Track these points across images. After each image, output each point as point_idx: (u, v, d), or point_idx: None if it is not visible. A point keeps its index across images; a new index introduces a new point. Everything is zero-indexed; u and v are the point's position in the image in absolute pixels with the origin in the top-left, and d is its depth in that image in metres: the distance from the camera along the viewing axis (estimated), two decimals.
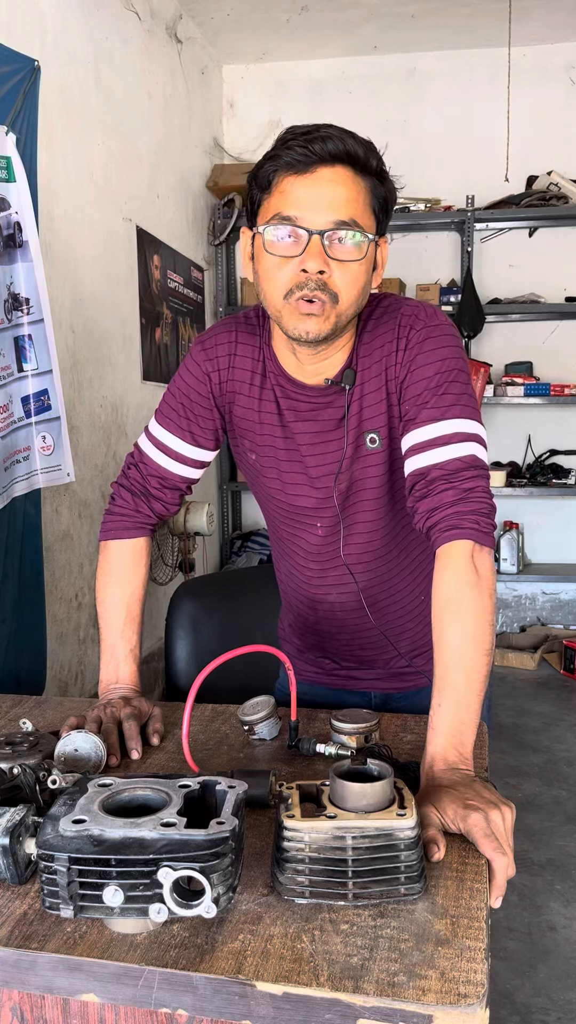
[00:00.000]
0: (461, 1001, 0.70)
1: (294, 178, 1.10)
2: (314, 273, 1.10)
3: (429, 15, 4.13)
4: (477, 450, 1.17)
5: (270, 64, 4.71)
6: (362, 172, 1.11)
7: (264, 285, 1.16)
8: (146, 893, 0.76)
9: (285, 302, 1.14)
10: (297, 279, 1.12)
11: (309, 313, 1.13)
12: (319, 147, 1.07)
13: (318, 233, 1.09)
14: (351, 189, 1.10)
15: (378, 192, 1.14)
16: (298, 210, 1.10)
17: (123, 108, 3.35)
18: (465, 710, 1.04)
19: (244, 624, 1.91)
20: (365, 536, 1.33)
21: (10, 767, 0.99)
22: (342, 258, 1.11)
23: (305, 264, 1.10)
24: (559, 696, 4.08)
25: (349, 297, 1.14)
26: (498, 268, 4.61)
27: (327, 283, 1.12)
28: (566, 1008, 1.99)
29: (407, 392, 1.21)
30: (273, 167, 1.11)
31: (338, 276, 1.12)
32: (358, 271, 1.13)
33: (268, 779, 1.02)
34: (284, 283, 1.13)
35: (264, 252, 1.13)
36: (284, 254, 1.12)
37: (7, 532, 2.30)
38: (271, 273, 1.14)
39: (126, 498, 1.39)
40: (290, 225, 1.10)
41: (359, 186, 1.11)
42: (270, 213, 1.12)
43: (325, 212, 1.09)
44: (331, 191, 1.09)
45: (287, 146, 1.09)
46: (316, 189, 1.09)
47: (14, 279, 2.23)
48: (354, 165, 1.10)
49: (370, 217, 1.14)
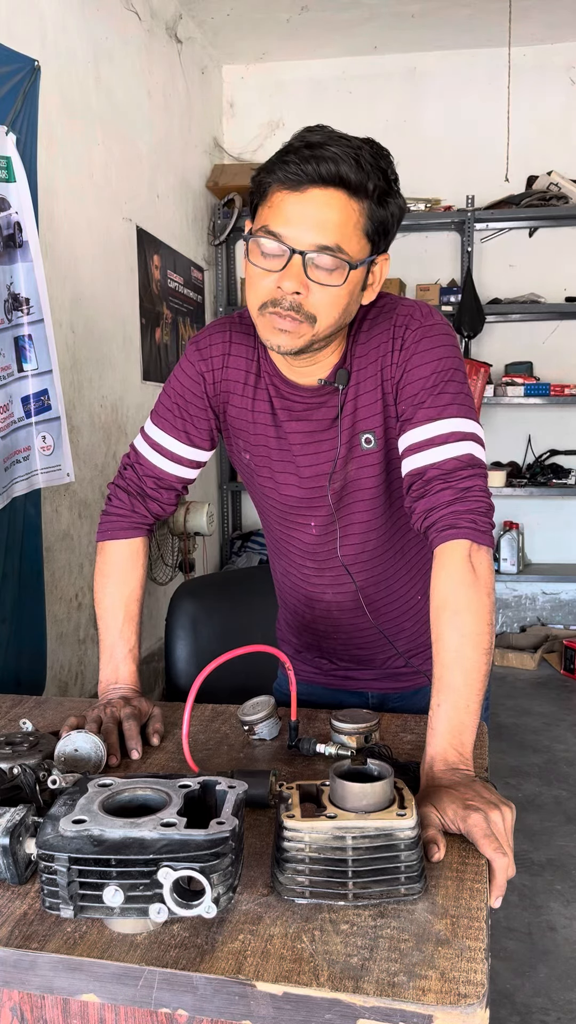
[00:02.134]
0: (461, 1001, 0.70)
1: (286, 194, 1.09)
2: (289, 293, 1.10)
3: (429, 15, 4.13)
4: (474, 449, 1.17)
5: (270, 64, 4.71)
6: (357, 196, 1.08)
7: (247, 291, 1.17)
8: (146, 893, 0.76)
9: (260, 313, 1.14)
10: (273, 294, 1.11)
11: (281, 328, 1.13)
12: (312, 168, 1.06)
13: (300, 253, 1.08)
14: (342, 213, 1.08)
15: (375, 215, 1.11)
16: (284, 227, 1.09)
17: (123, 108, 3.35)
18: (464, 710, 1.04)
19: (244, 624, 1.91)
20: (361, 536, 1.33)
21: (10, 767, 0.99)
22: (321, 282, 1.10)
23: (282, 283, 1.10)
24: (559, 696, 4.08)
25: (327, 320, 1.13)
26: (498, 268, 4.61)
27: (302, 304, 1.11)
28: (566, 1008, 1.99)
29: (403, 392, 1.21)
30: (268, 179, 1.10)
31: (316, 298, 1.11)
32: (337, 295, 1.11)
33: (268, 779, 1.02)
34: (261, 295, 1.13)
35: (248, 260, 1.14)
36: (265, 267, 1.11)
37: (7, 532, 2.30)
38: (252, 281, 1.14)
39: (122, 499, 1.39)
40: (274, 240, 1.09)
41: (351, 210, 1.09)
42: (260, 223, 1.12)
43: (310, 233, 1.08)
44: (320, 213, 1.08)
45: (285, 159, 1.08)
46: (305, 209, 1.08)
47: (14, 279, 2.23)
48: (348, 189, 1.08)
49: (360, 241, 1.11)
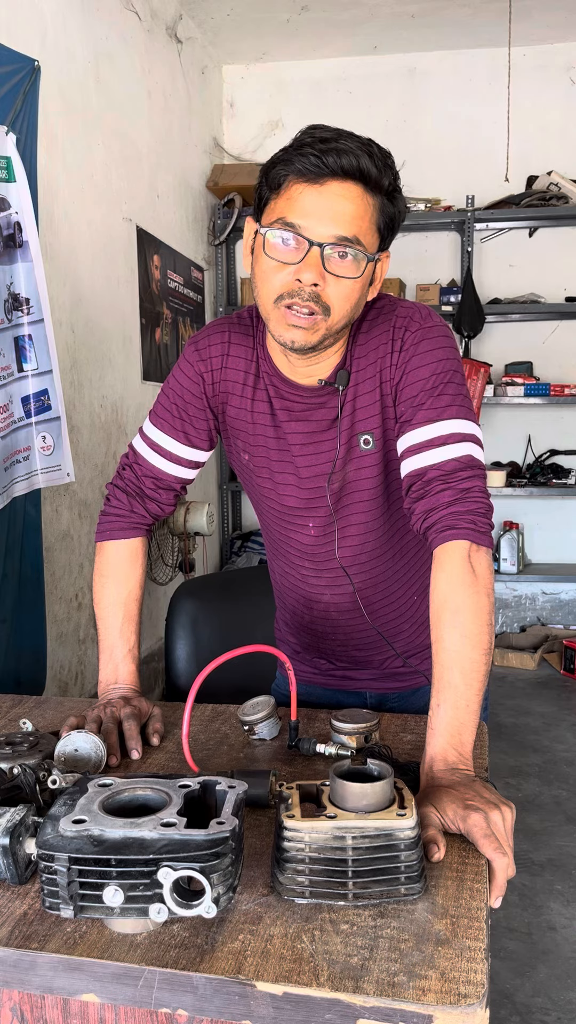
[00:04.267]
0: (461, 1001, 0.70)
1: (304, 186, 1.09)
2: (308, 285, 1.10)
3: (429, 15, 4.14)
4: (473, 450, 1.17)
5: (270, 64, 4.71)
6: (373, 190, 1.10)
7: (259, 284, 1.16)
8: (146, 893, 0.76)
9: (275, 306, 1.14)
10: (291, 286, 1.11)
11: (296, 325, 1.13)
12: (333, 160, 1.06)
13: (319, 245, 1.09)
14: (359, 206, 1.09)
15: (386, 211, 1.13)
16: (303, 219, 1.09)
17: (123, 108, 3.35)
18: (464, 710, 1.04)
19: (244, 624, 1.91)
20: (360, 537, 1.33)
21: (10, 767, 0.99)
22: (339, 273, 1.10)
23: (301, 274, 1.10)
24: (559, 696, 4.08)
25: (341, 311, 1.13)
26: (498, 268, 4.61)
27: (320, 295, 1.11)
28: (566, 1008, 1.99)
29: (402, 394, 1.20)
30: (285, 170, 1.10)
31: (332, 290, 1.11)
32: (353, 287, 1.12)
33: (268, 779, 1.02)
34: (277, 287, 1.12)
35: (263, 254, 1.13)
36: (282, 259, 1.11)
37: (7, 532, 2.30)
38: (267, 275, 1.13)
39: (121, 499, 1.39)
40: (292, 232, 1.09)
41: (367, 203, 1.10)
42: (275, 215, 1.11)
43: (329, 225, 1.08)
44: (339, 205, 1.08)
45: (302, 152, 1.08)
46: (324, 201, 1.08)
47: (14, 279, 2.23)
48: (366, 183, 1.08)
49: (374, 235, 1.13)
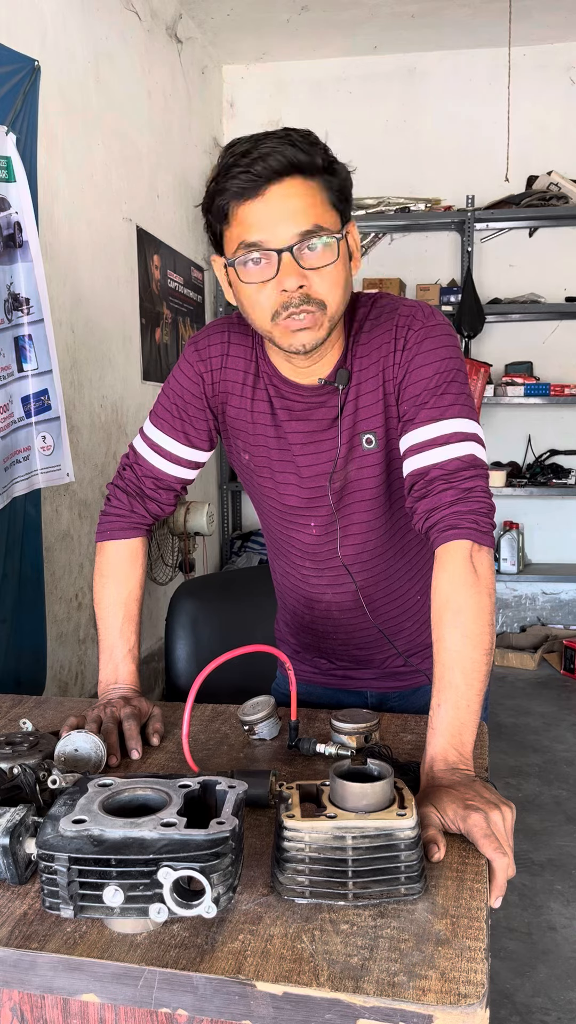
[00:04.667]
0: (461, 1001, 0.70)
1: (247, 204, 1.08)
2: (295, 290, 1.10)
3: (429, 15, 4.13)
4: (476, 450, 1.17)
5: (270, 64, 4.71)
6: (310, 175, 1.08)
7: (249, 312, 1.16)
8: (146, 893, 0.76)
9: (274, 324, 1.14)
10: (281, 299, 1.11)
11: (301, 327, 1.13)
12: (261, 167, 1.06)
13: (287, 250, 1.08)
14: (305, 195, 1.08)
15: (332, 186, 1.11)
16: (260, 234, 1.09)
17: (123, 108, 3.35)
18: (465, 710, 1.04)
19: (244, 624, 1.91)
20: (361, 536, 1.33)
21: (10, 767, 0.99)
22: (317, 265, 1.10)
23: (283, 284, 1.10)
24: (559, 696, 4.08)
25: (335, 300, 1.14)
26: (498, 268, 4.61)
27: (310, 295, 1.11)
28: (566, 1008, 1.99)
29: (405, 393, 1.20)
30: (224, 200, 1.10)
31: (318, 283, 1.11)
32: (336, 272, 1.12)
33: (268, 779, 1.02)
34: (269, 307, 1.12)
35: (240, 282, 1.13)
36: (260, 279, 1.11)
37: (7, 532, 2.30)
38: (253, 300, 1.13)
39: (121, 499, 1.39)
40: (257, 250, 1.09)
41: (311, 188, 1.09)
42: (234, 243, 1.11)
43: (287, 227, 1.08)
44: (287, 206, 1.08)
45: (230, 175, 1.07)
46: (271, 209, 1.08)
47: (14, 279, 2.23)
48: (301, 172, 1.08)
49: (332, 214, 1.12)
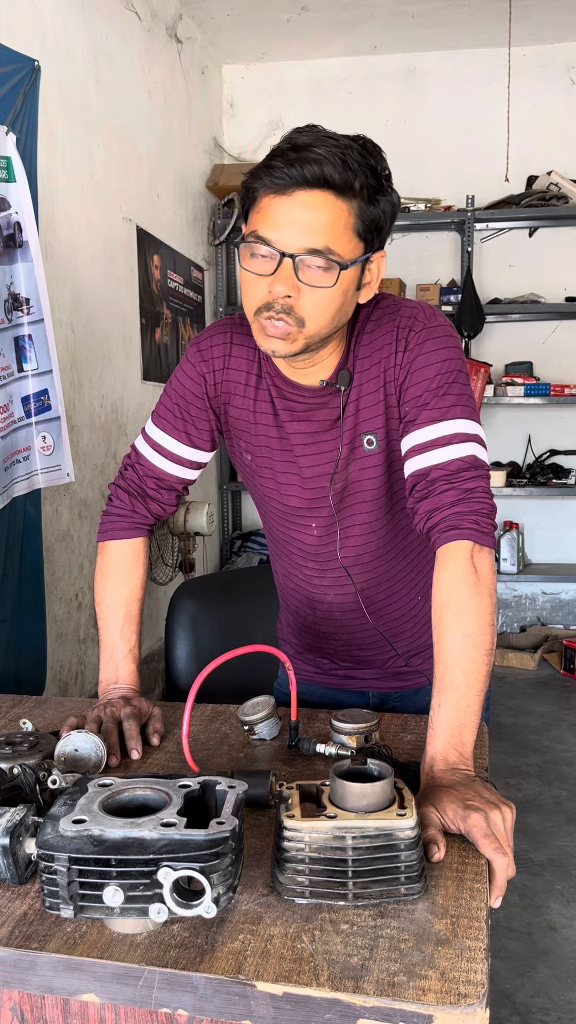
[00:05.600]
0: (461, 1001, 0.70)
1: (272, 198, 1.08)
2: (280, 297, 1.10)
3: (429, 15, 4.13)
4: (477, 450, 1.17)
5: (270, 64, 4.71)
6: (344, 195, 1.07)
7: (242, 296, 1.17)
8: (146, 893, 0.76)
9: (255, 318, 1.14)
10: (266, 298, 1.11)
11: (274, 335, 1.13)
12: (296, 171, 1.06)
13: (290, 257, 1.08)
14: (329, 213, 1.07)
15: (366, 214, 1.10)
16: (273, 231, 1.09)
17: (123, 108, 3.35)
18: (465, 710, 1.04)
19: (244, 624, 1.91)
20: (362, 537, 1.33)
21: (10, 767, 0.99)
22: (312, 283, 1.09)
23: (272, 287, 1.10)
24: (559, 696, 4.08)
25: (318, 323, 1.12)
26: (498, 268, 4.61)
27: (293, 308, 1.11)
28: (566, 1008, 1.99)
29: (407, 394, 1.20)
30: (257, 184, 1.10)
31: (307, 301, 1.10)
32: (329, 297, 1.11)
33: (268, 779, 1.02)
34: (256, 300, 1.13)
35: (241, 267, 1.14)
36: (258, 272, 1.11)
37: (7, 532, 2.30)
38: (247, 287, 1.14)
39: (123, 499, 1.39)
40: (264, 245, 1.10)
41: (339, 209, 1.08)
42: (251, 228, 1.12)
43: (299, 236, 1.08)
44: (307, 215, 1.07)
45: (272, 163, 1.08)
46: (292, 212, 1.08)
47: (14, 279, 2.23)
48: (333, 189, 1.07)
49: (352, 241, 1.10)
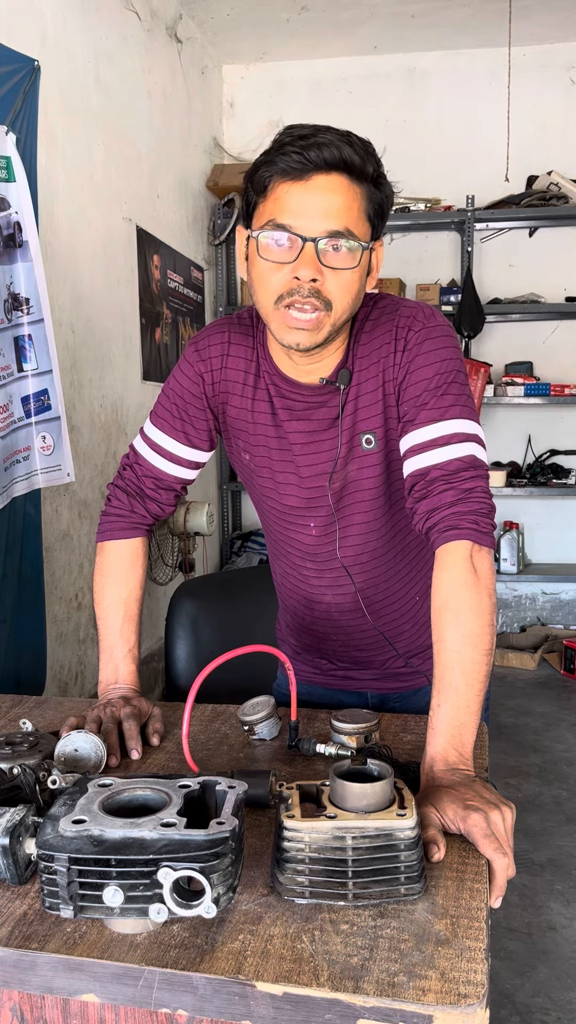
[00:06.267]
0: (461, 1001, 0.70)
1: (289, 184, 1.09)
2: (307, 281, 1.10)
3: (429, 15, 4.13)
4: (476, 450, 1.17)
5: (270, 64, 4.71)
6: (358, 179, 1.10)
7: (257, 288, 1.16)
8: (146, 893, 0.76)
9: (275, 308, 1.14)
10: (289, 285, 1.12)
11: (299, 327, 1.13)
12: (315, 154, 1.07)
13: (312, 241, 1.09)
14: (346, 197, 1.09)
15: (374, 198, 1.13)
16: (292, 218, 1.09)
17: (123, 108, 3.35)
18: (465, 710, 1.04)
19: (244, 624, 1.91)
20: (361, 537, 1.33)
21: (10, 767, 0.99)
22: (336, 266, 1.11)
23: (298, 272, 1.10)
24: (559, 696, 4.08)
25: (342, 305, 1.14)
26: (498, 268, 4.61)
27: (320, 291, 1.11)
28: (566, 1008, 1.99)
29: (406, 393, 1.21)
30: (269, 172, 1.10)
31: (331, 284, 1.12)
32: (351, 279, 1.13)
33: (268, 779, 1.02)
34: (276, 289, 1.13)
35: (258, 257, 1.13)
36: (278, 260, 1.12)
37: (7, 532, 2.30)
38: (264, 278, 1.14)
39: (122, 499, 1.39)
40: (284, 232, 1.10)
41: (354, 193, 1.10)
42: (265, 218, 1.12)
43: (320, 220, 1.09)
44: (326, 199, 1.09)
45: (283, 151, 1.08)
46: (311, 197, 1.09)
47: (14, 279, 2.23)
48: (350, 172, 1.09)
49: (365, 224, 1.13)
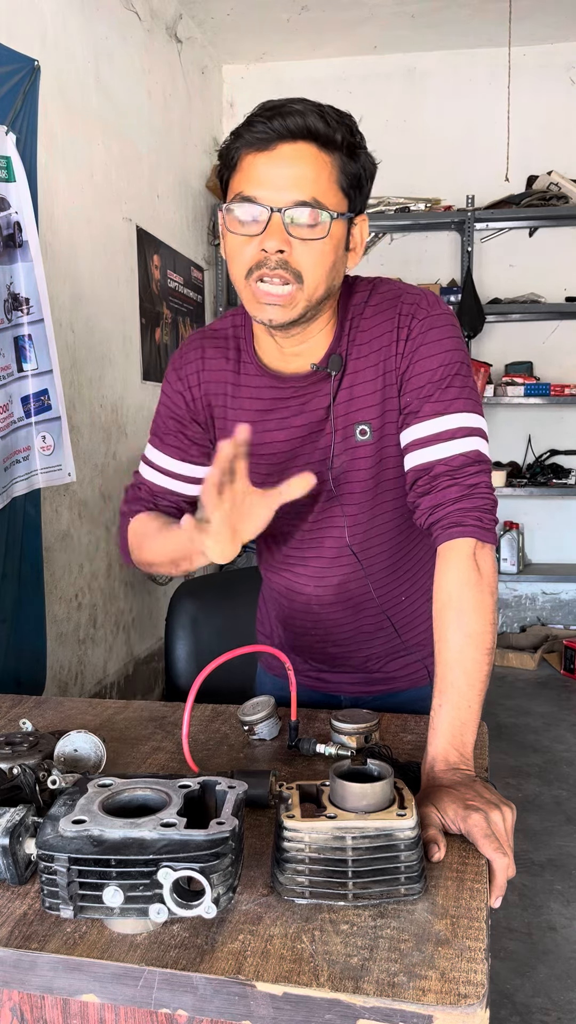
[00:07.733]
0: (461, 1001, 0.70)
1: (255, 155, 1.07)
2: (273, 252, 1.08)
3: (429, 15, 4.13)
4: (480, 445, 1.16)
5: (270, 64, 4.71)
6: (326, 148, 1.07)
7: (230, 263, 1.14)
8: (146, 893, 0.76)
9: (246, 282, 1.12)
10: (257, 258, 1.09)
11: (271, 303, 1.10)
12: (279, 123, 1.05)
13: (278, 211, 1.07)
14: (314, 166, 1.07)
15: (347, 168, 1.10)
16: (258, 188, 1.07)
17: (123, 108, 3.35)
18: (466, 710, 1.04)
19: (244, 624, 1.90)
20: (347, 529, 1.28)
21: (10, 767, 0.99)
22: (304, 236, 1.08)
23: (265, 243, 1.08)
24: (559, 696, 4.08)
25: (314, 277, 1.11)
26: (498, 268, 4.61)
27: (288, 262, 1.09)
28: (566, 1008, 1.99)
29: (408, 384, 1.18)
30: (237, 144, 1.09)
31: (300, 254, 1.09)
32: (322, 250, 1.10)
33: (268, 779, 1.02)
34: (245, 262, 1.11)
35: (227, 231, 1.12)
36: (246, 233, 1.10)
37: (7, 532, 2.30)
38: (234, 251, 1.12)
39: (138, 508, 1.35)
40: (250, 203, 1.08)
41: (323, 162, 1.07)
42: (234, 191, 1.10)
43: (285, 190, 1.07)
44: (292, 168, 1.07)
45: (250, 123, 1.07)
46: (276, 166, 1.07)
47: (14, 279, 2.23)
48: (317, 141, 1.06)
49: (336, 195, 1.10)
